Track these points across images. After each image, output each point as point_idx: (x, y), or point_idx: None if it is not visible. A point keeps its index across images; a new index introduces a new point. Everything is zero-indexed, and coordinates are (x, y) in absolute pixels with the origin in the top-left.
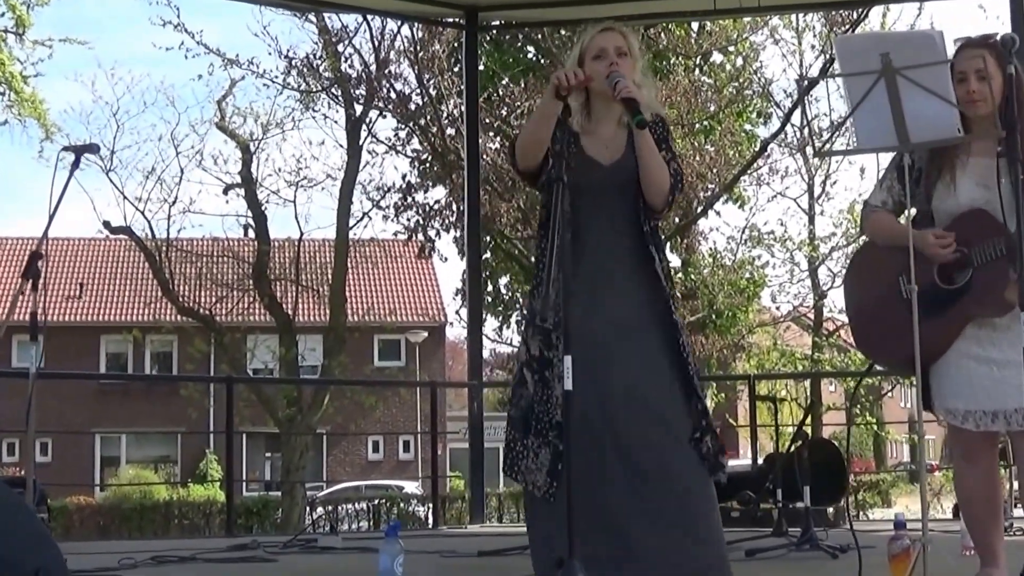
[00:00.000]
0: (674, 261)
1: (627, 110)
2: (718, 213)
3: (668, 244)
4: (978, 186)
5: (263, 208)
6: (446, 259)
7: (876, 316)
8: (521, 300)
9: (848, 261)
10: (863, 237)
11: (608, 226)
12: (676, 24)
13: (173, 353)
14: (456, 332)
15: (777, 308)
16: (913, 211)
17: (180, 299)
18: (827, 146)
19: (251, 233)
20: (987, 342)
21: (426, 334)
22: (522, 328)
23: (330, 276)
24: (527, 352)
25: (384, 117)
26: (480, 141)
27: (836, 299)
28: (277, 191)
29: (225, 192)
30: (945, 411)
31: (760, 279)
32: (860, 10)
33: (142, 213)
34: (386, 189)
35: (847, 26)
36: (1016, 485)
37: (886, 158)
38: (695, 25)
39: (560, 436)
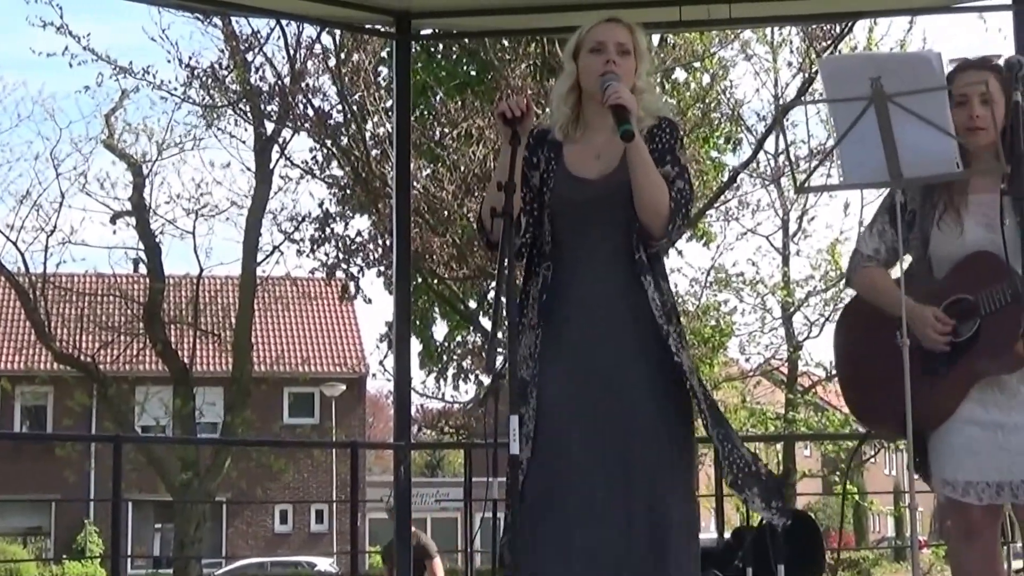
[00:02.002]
0: None
1: (614, 118)
2: (680, 252)
3: None
4: (980, 226)
5: (157, 240)
6: (370, 300)
7: (871, 374)
8: (455, 348)
9: (842, 310)
10: (850, 289)
11: (596, 257)
12: None
13: (48, 407)
14: (379, 385)
15: (746, 360)
16: (907, 258)
17: (57, 344)
18: (807, 180)
19: (142, 268)
20: (992, 404)
21: (344, 387)
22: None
23: (234, 319)
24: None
25: (299, 136)
26: (411, 165)
27: (813, 351)
28: (173, 220)
29: (113, 221)
30: (943, 482)
31: (727, 327)
32: (843, 24)
33: (14, 244)
34: (301, 219)
35: (828, 41)
36: (1020, 565)
37: (873, 192)
38: (655, 38)
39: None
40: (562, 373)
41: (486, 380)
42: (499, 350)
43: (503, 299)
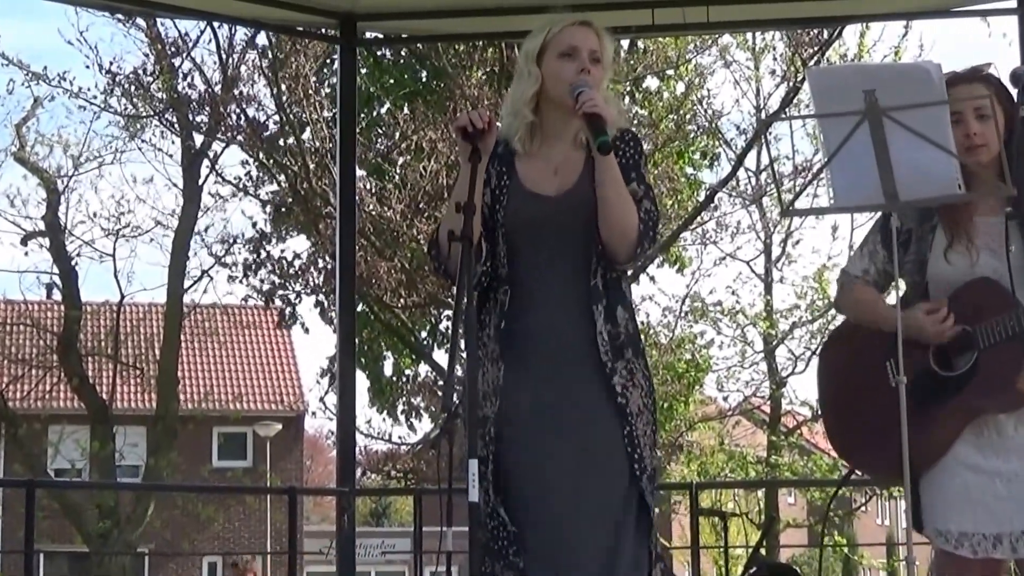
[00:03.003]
0: None
1: (589, 129)
2: (652, 278)
3: None
4: (983, 250)
5: (73, 263)
6: (309, 331)
7: (857, 411)
8: (404, 384)
9: (824, 339)
10: (839, 314)
11: (553, 281)
12: None
13: None
14: (319, 424)
15: (725, 399)
16: (902, 284)
17: None
18: (793, 202)
19: (57, 295)
20: (988, 448)
21: (280, 427)
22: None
23: (158, 351)
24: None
25: (231, 149)
26: (356, 181)
27: (798, 388)
28: (91, 241)
29: (24, 242)
30: (936, 532)
31: (704, 362)
32: (832, 28)
33: None
34: (232, 241)
35: (815, 48)
36: None
37: (864, 215)
38: (625, 43)
39: (519, 552)
40: (524, 409)
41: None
42: (456, 387)
43: (461, 331)
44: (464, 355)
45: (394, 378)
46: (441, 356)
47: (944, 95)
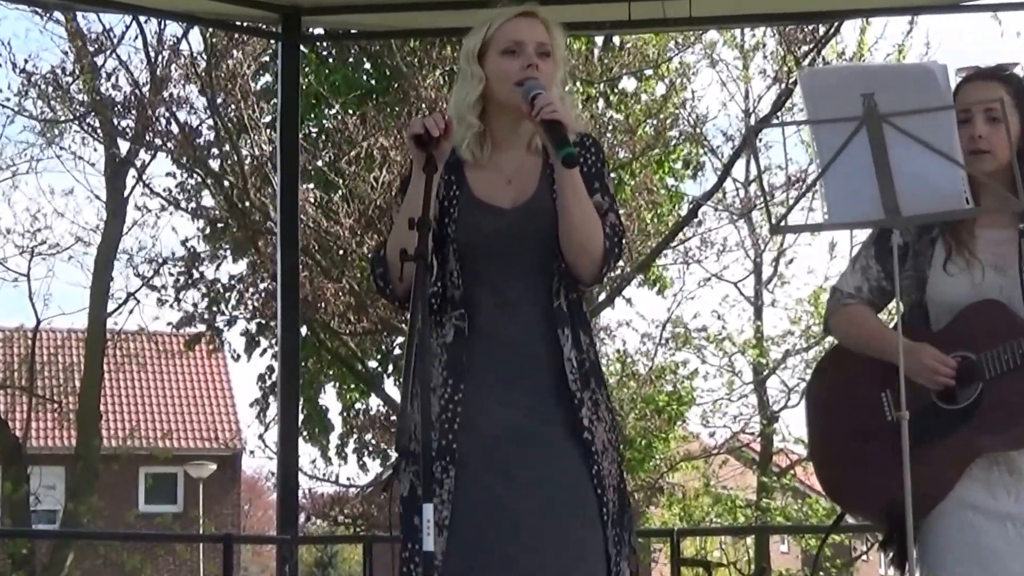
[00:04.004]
0: None
1: (549, 138)
2: (629, 301)
3: None
4: (989, 268)
5: None
6: (242, 359)
7: (849, 447)
8: (352, 416)
9: (816, 364)
10: (830, 336)
11: (511, 302)
12: (575, 38)
13: None
14: (257, 464)
15: (710, 435)
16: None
17: None
18: (784, 217)
19: None
20: (999, 488)
21: (214, 467)
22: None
23: (78, 382)
24: (406, 490)
25: (160, 158)
26: (299, 193)
27: (791, 423)
28: (3, 260)
29: None
30: None
31: (687, 394)
32: (829, 24)
33: None
34: (162, 260)
35: (810, 45)
36: None
37: (864, 231)
38: (598, 40)
39: None
40: (482, 446)
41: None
42: (411, 422)
43: (415, 360)
44: (418, 388)
45: (340, 412)
46: (394, 388)
47: (950, 99)
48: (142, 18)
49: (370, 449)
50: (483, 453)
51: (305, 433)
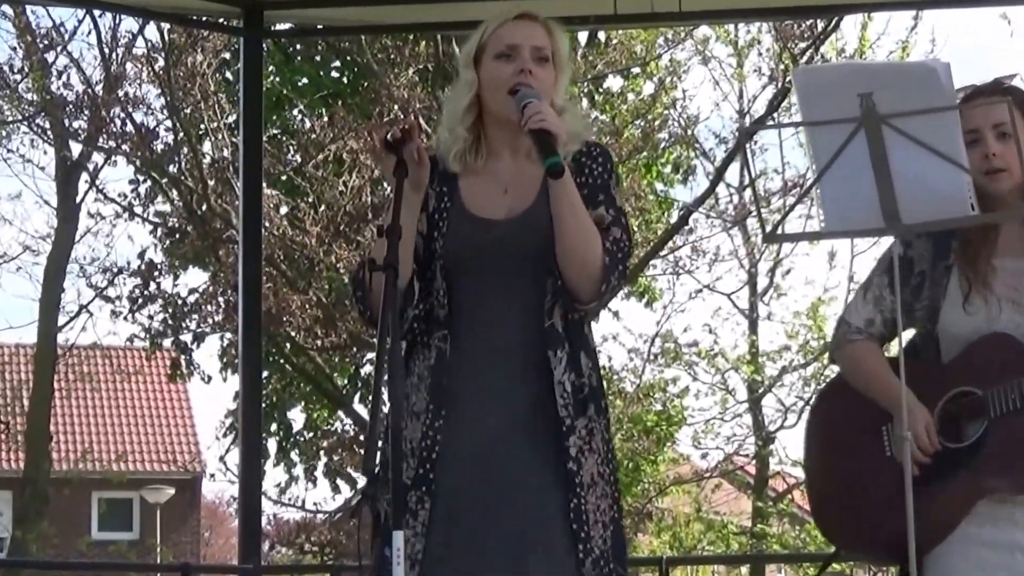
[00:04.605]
0: None
1: (537, 148)
2: (616, 314)
3: None
4: (1005, 301)
5: None
6: (208, 379)
7: (847, 483)
8: (319, 440)
9: (818, 394)
10: (834, 366)
11: (502, 321)
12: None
13: None
14: (218, 488)
15: (702, 457)
16: (909, 333)
17: None
18: (780, 225)
19: None
20: (1007, 521)
21: (173, 491)
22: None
23: (27, 401)
24: (381, 519)
25: (115, 161)
26: (263, 199)
27: (788, 444)
28: None
29: None
30: None
31: (677, 414)
32: (828, 19)
33: None
34: (117, 271)
35: (809, 41)
36: None
37: (867, 239)
38: (582, 36)
39: None
40: (462, 479)
41: (361, 482)
42: (380, 445)
43: (385, 378)
44: (389, 407)
45: (306, 433)
46: (364, 407)
47: (954, 99)
48: (96, 12)
49: (339, 472)
50: (461, 484)
51: (274, 459)
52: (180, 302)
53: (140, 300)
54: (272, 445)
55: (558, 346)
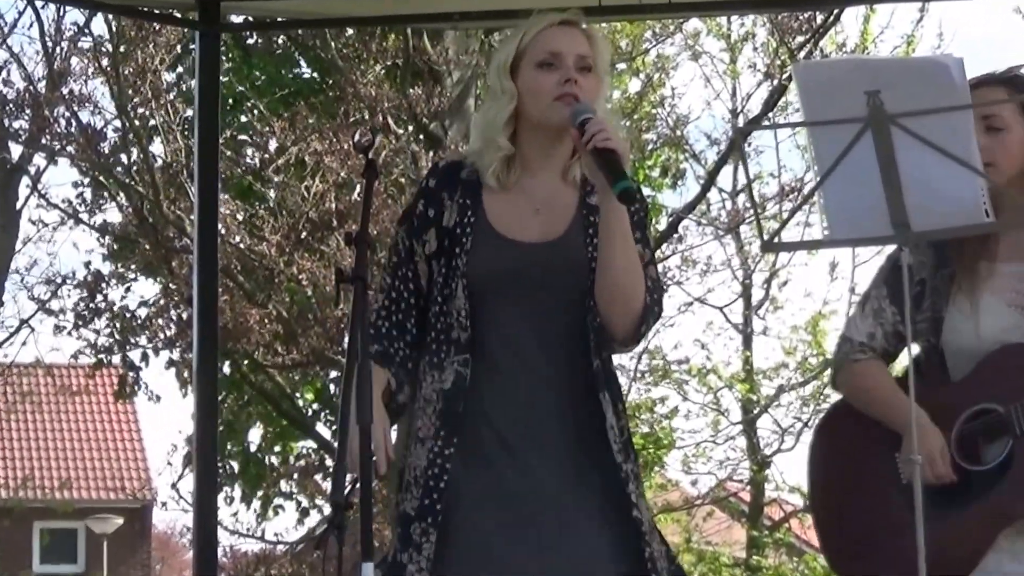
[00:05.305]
0: None
1: (603, 170)
2: None
3: None
4: (1012, 308)
5: None
6: (158, 398)
7: (855, 511)
8: (280, 465)
9: (823, 416)
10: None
11: (541, 356)
12: None
13: None
14: (170, 518)
15: (692, 483)
16: (912, 348)
17: None
18: (778, 233)
19: None
20: None
21: (121, 521)
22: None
23: None
24: (389, 554)
25: (59, 164)
26: (219, 205)
27: (785, 469)
28: None
29: None
30: None
31: (665, 436)
32: (827, 11)
33: None
34: (60, 282)
35: (807, 35)
36: None
37: (871, 248)
38: None
39: None
40: (473, 513)
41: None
42: (348, 474)
43: (353, 399)
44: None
45: (265, 457)
46: (328, 429)
47: (968, 97)
48: (39, 3)
49: (300, 501)
50: (473, 519)
51: (230, 485)
52: (129, 315)
53: (86, 313)
54: (229, 470)
55: (605, 388)
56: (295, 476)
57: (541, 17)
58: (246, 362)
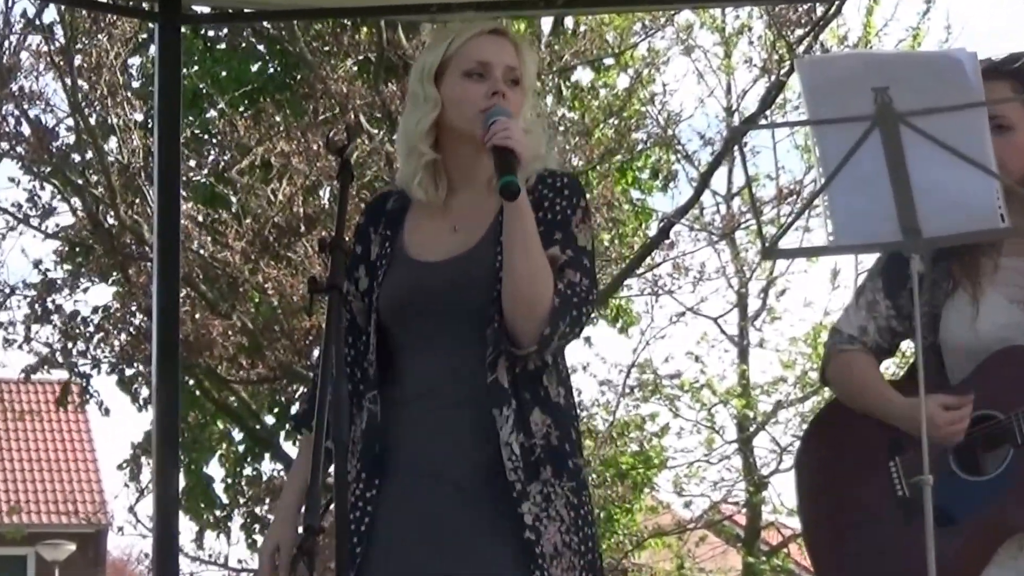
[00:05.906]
0: None
1: (496, 165)
2: (587, 341)
3: None
4: (1012, 304)
5: None
6: (107, 411)
7: (848, 525)
8: (245, 486)
9: (811, 422)
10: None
11: (439, 378)
12: (517, 20)
13: None
14: (127, 543)
15: (685, 506)
16: (907, 345)
17: None
18: (778, 238)
19: None
20: None
21: (74, 547)
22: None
23: None
24: None
25: (8, 163)
26: (180, 209)
27: (784, 490)
28: None
29: None
30: None
31: (656, 455)
32: (828, 3)
33: None
34: (9, 290)
35: (806, 28)
36: None
37: (872, 257)
38: (545, 24)
39: None
40: (393, 560)
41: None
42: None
43: (326, 415)
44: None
45: (229, 478)
46: (295, 449)
47: (981, 94)
48: None
49: (266, 523)
50: (393, 566)
51: (189, 508)
52: (79, 319)
53: (34, 321)
54: (187, 492)
55: (503, 403)
56: (260, 497)
57: (470, 25)
58: (207, 377)
